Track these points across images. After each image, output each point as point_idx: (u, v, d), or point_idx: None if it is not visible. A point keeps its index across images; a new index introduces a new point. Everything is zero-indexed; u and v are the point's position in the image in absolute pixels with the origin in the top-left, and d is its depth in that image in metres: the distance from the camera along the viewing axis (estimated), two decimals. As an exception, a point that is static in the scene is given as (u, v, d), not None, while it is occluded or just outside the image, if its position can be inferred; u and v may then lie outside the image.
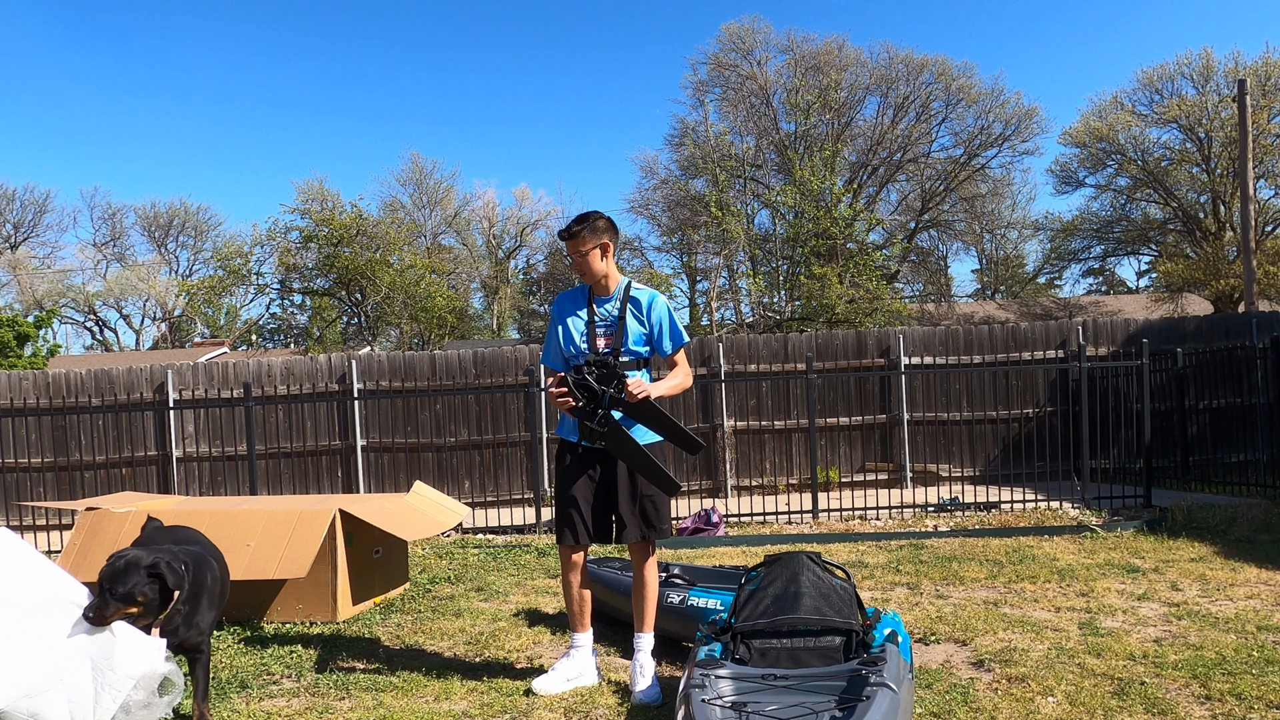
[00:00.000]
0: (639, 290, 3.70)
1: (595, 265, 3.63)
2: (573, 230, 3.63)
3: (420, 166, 35.22)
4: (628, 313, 3.64)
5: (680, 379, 3.68)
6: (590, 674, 3.67)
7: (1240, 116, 17.38)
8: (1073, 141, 27.66)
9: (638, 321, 3.65)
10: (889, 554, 6.26)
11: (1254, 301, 17.42)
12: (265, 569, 4.72)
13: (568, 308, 3.74)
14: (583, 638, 3.68)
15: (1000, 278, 39.22)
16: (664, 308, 3.68)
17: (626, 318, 3.64)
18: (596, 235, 3.62)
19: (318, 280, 22.35)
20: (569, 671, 3.62)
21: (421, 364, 10.66)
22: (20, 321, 21.24)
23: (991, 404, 10.58)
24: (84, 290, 40.84)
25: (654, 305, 3.67)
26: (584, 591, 3.68)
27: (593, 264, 3.63)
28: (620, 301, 3.67)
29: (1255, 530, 6.65)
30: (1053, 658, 3.77)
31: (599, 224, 3.64)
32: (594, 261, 3.63)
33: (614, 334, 3.63)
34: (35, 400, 10.31)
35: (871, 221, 23.94)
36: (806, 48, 27.38)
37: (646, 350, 3.67)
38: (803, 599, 3.11)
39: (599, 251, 3.63)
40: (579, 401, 3.37)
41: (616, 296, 3.67)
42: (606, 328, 3.65)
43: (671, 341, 3.67)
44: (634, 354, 3.63)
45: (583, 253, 3.62)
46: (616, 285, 3.69)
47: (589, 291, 3.73)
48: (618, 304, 3.66)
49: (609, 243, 3.65)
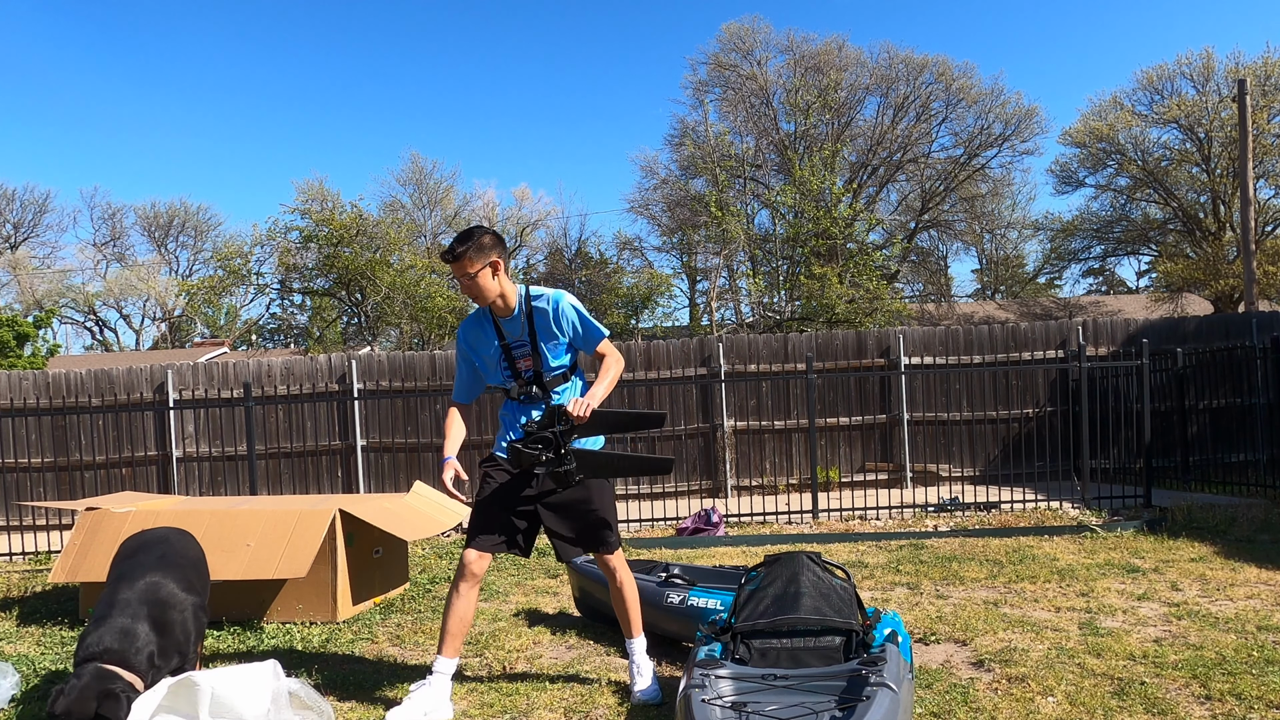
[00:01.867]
0: (540, 297, 3.43)
1: (488, 286, 3.36)
2: (456, 251, 3.32)
3: (420, 166, 35.21)
4: (536, 327, 3.42)
5: (613, 371, 3.44)
6: (446, 709, 3.34)
7: (1240, 116, 17.38)
8: (1073, 141, 27.67)
9: (551, 333, 3.43)
10: (889, 554, 6.26)
11: (1254, 301, 17.42)
12: (265, 569, 4.72)
13: (475, 338, 3.51)
14: (447, 664, 3.37)
15: (1000, 278, 39.22)
16: (570, 308, 3.43)
17: (537, 333, 3.42)
18: (483, 253, 3.33)
19: (318, 280, 22.34)
20: (425, 703, 3.29)
21: (421, 364, 10.66)
22: (20, 321, 21.23)
23: (991, 404, 10.58)
24: (84, 290, 40.85)
25: (560, 310, 3.41)
26: (468, 611, 3.39)
27: (484, 285, 3.36)
28: (524, 316, 3.43)
29: (1255, 530, 6.65)
30: (1053, 658, 3.77)
31: (484, 240, 3.35)
32: (485, 282, 3.35)
33: (530, 354, 3.44)
34: (35, 400, 10.31)
35: (871, 221, 23.94)
36: (806, 48, 27.41)
37: (570, 358, 3.49)
38: (803, 599, 3.11)
39: (489, 270, 3.35)
40: (544, 459, 3.19)
41: (520, 311, 3.43)
42: (520, 348, 3.45)
43: (592, 338, 3.47)
44: (559, 368, 3.46)
45: (471, 274, 3.33)
46: (515, 299, 3.43)
47: (490, 314, 3.48)
48: (523, 319, 3.43)
49: (499, 259, 3.37)
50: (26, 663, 4.26)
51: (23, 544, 8.38)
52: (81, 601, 5.18)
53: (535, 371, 3.44)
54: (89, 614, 4.99)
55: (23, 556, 8.01)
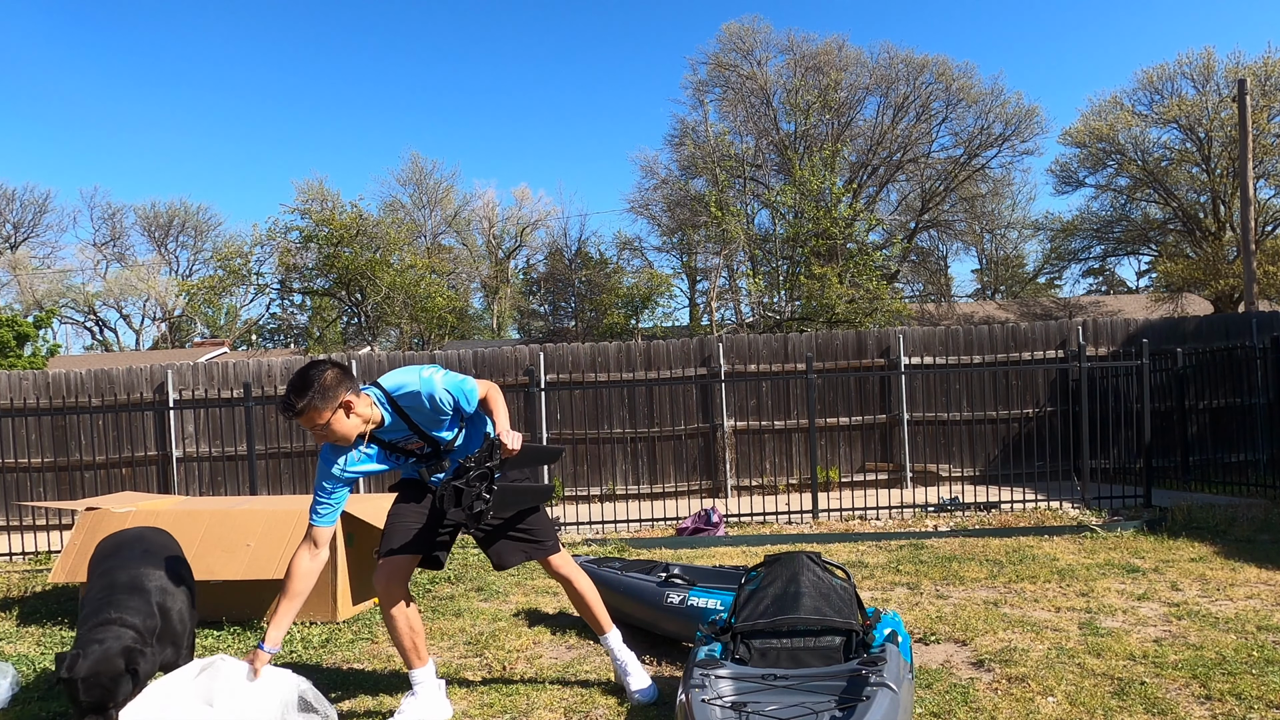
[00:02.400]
0: (401, 393, 3.07)
1: (344, 428, 2.97)
2: (298, 407, 2.87)
3: (420, 166, 35.26)
4: (417, 422, 3.12)
5: (500, 401, 3.24)
6: (444, 708, 3.32)
7: (1240, 116, 17.37)
8: (1073, 141, 27.67)
9: (435, 421, 3.14)
10: (889, 554, 6.26)
11: (1254, 301, 17.42)
12: (265, 569, 4.72)
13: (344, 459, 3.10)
14: (424, 672, 3.29)
15: (1000, 278, 39.22)
16: (443, 391, 3.08)
17: (420, 426, 3.13)
18: (329, 399, 2.91)
19: (318, 280, 22.35)
20: (419, 711, 3.25)
21: (421, 364, 10.65)
22: (20, 321, 21.22)
23: (991, 404, 10.58)
24: (84, 290, 40.87)
25: (436, 398, 3.06)
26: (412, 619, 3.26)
27: (340, 429, 2.97)
28: (396, 415, 3.10)
29: (1255, 530, 6.65)
30: (1053, 658, 3.77)
31: (326, 381, 2.90)
32: (340, 426, 2.96)
33: (417, 439, 3.18)
34: (35, 400, 10.31)
35: (871, 221, 23.94)
36: (806, 48, 27.41)
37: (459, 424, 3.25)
38: (803, 599, 3.11)
39: (342, 413, 2.95)
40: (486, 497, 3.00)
41: (388, 412, 3.09)
42: (405, 439, 3.17)
43: (470, 400, 3.17)
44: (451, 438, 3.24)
45: (323, 425, 2.92)
46: (379, 413, 3.07)
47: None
48: (396, 418, 3.10)
49: (349, 397, 2.94)
50: (26, 663, 4.26)
51: (23, 544, 8.38)
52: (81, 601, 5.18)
53: (433, 449, 3.24)
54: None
55: (23, 556, 8.01)
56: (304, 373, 2.94)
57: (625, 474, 10.63)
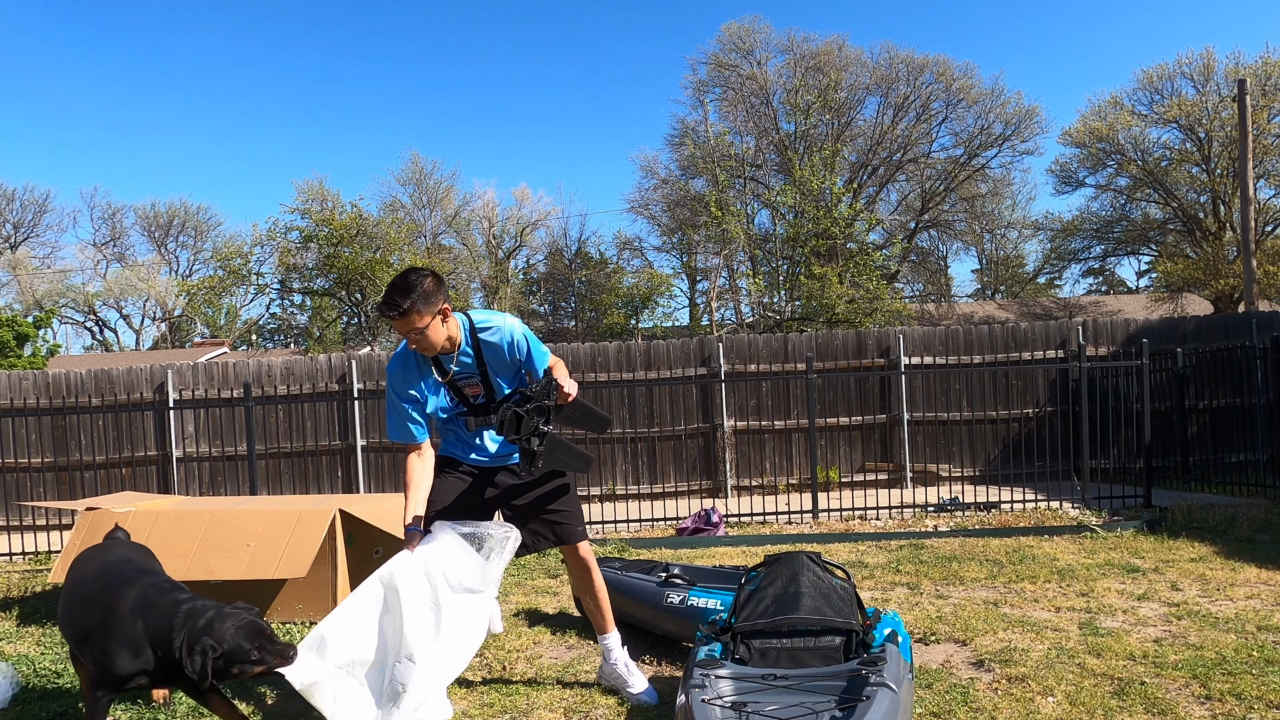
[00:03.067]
0: (486, 328, 3.21)
1: (438, 337, 3.09)
2: (403, 307, 2.97)
3: (420, 166, 35.18)
4: (487, 360, 3.23)
5: (562, 366, 3.35)
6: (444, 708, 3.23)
7: (1240, 116, 17.38)
8: (1073, 141, 27.68)
9: (504, 366, 3.26)
10: (889, 554, 6.26)
11: (1254, 301, 17.42)
12: (265, 569, 4.72)
13: (407, 378, 3.22)
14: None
15: (1000, 278, 39.22)
16: (523, 339, 3.24)
17: (487, 367, 3.24)
18: (431, 303, 3.02)
19: (318, 280, 22.36)
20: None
21: (421, 364, 10.66)
22: (20, 321, 21.23)
23: (991, 404, 10.58)
24: (84, 290, 40.83)
25: (515, 344, 3.23)
26: None
27: (435, 337, 3.08)
28: (473, 350, 3.22)
29: (1255, 530, 6.65)
30: (1053, 658, 3.77)
31: (428, 287, 3.02)
32: (435, 333, 3.08)
33: (479, 384, 3.27)
34: (35, 400, 10.31)
35: (871, 221, 23.95)
36: (806, 48, 27.41)
37: (517, 383, 3.32)
38: (803, 599, 3.11)
39: (439, 319, 3.07)
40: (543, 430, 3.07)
41: (466, 344, 3.22)
42: (465, 379, 3.25)
43: (540, 359, 3.29)
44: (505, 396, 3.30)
45: (421, 329, 3.03)
46: (460, 335, 3.20)
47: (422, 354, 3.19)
48: (469, 352, 3.22)
49: (446, 305, 3.09)
50: (26, 663, 4.25)
51: (23, 544, 8.38)
52: (81, 601, 5.17)
53: (486, 399, 3.30)
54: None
55: (23, 556, 8.01)
56: (406, 277, 3.04)
57: (625, 474, 10.63)
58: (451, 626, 3.05)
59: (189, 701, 3.62)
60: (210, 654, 2.72)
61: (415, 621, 3.00)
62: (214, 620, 2.78)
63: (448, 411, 3.36)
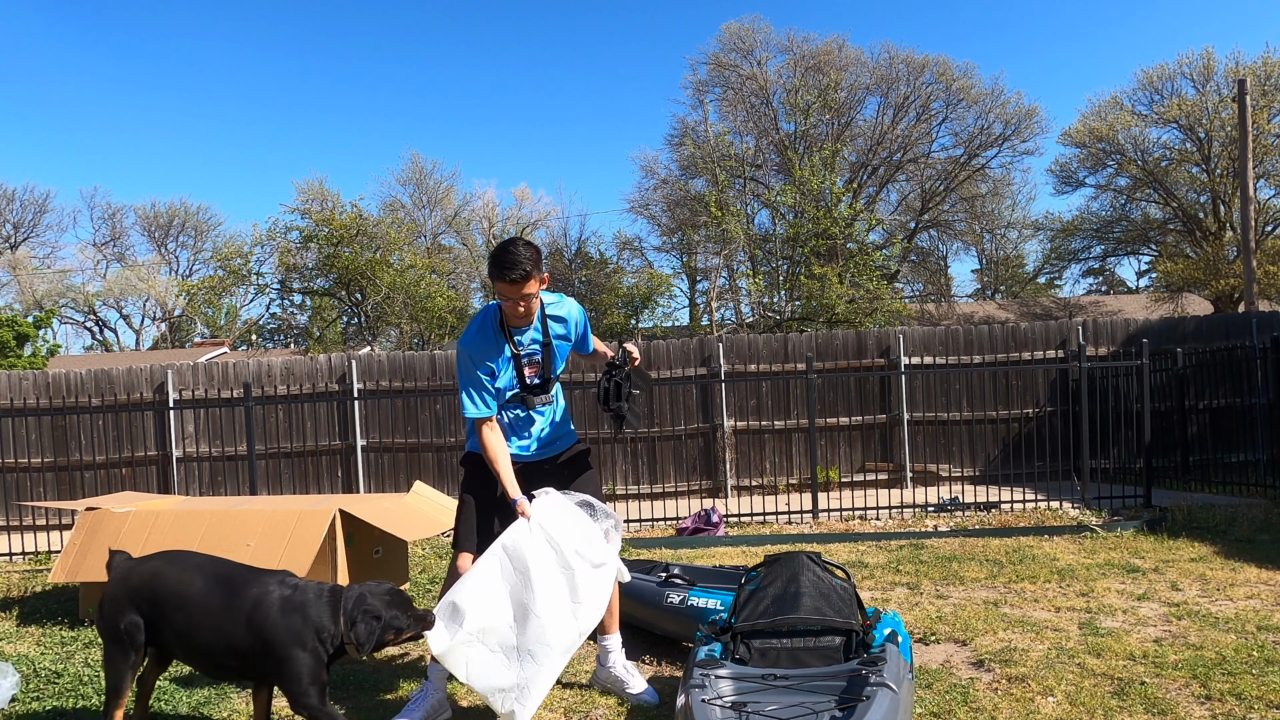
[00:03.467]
0: (554, 304, 3.37)
1: (535, 303, 3.23)
2: (526, 269, 3.04)
3: (420, 166, 35.18)
4: (552, 333, 3.35)
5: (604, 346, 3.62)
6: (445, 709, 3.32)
7: (1240, 116, 17.37)
8: (1072, 141, 27.67)
9: (564, 339, 3.40)
10: (889, 554, 6.26)
11: (1254, 301, 17.42)
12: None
13: (485, 351, 3.27)
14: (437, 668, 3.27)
15: (1000, 278, 39.23)
16: (581, 313, 3.44)
17: (553, 341, 3.35)
18: (539, 268, 3.13)
19: (318, 280, 22.35)
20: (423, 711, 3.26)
21: (421, 364, 10.66)
22: (20, 321, 21.24)
23: (991, 404, 10.58)
24: (84, 290, 40.83)
25: (579, 320, 3.43)
26: None
27: (535, 304, 3.21)
28: (542, 324, 3.33)
29: (1255, 530, 6.65)
30: (1053, 658, 3.77)
31: (537, 255, 3.14)
32: (536, 301, 3.22)
33: (539, 362, 3.36)
34: (35, 400, 10.31)
35: (871, 221, 23.94)
36: (806, 48, 27.40)
37: (564, 365, 3.50)
38: (803, 599, 3.11)
39: (541, 286, 3.19)
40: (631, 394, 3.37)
41: (537, 319, 3.32)
42: (530, 356, 3.34)
43: (590, 340, 3.53)
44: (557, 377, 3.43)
45: (531, 293, 3.12)
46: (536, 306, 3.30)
47: (497, 321, 3.27)
48: (538, 328, 3.33)
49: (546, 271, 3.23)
50: (26, 663, 4.25)
51: (23, 544, 8.38)
52: (81, 601, 5.18)
53: (543, 377, 3.39)
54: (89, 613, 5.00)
55: (23, 556, 8.01)
56: (515, 244, 3.10)
57: (625, 474, 10.63)
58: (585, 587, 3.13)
59: (189, 701, 3.63)
60: (375, 624, 2.84)
61: (546, 586, 3.05)
62: (364, 594, 2.90)
63: (508, 391, 3.38)
